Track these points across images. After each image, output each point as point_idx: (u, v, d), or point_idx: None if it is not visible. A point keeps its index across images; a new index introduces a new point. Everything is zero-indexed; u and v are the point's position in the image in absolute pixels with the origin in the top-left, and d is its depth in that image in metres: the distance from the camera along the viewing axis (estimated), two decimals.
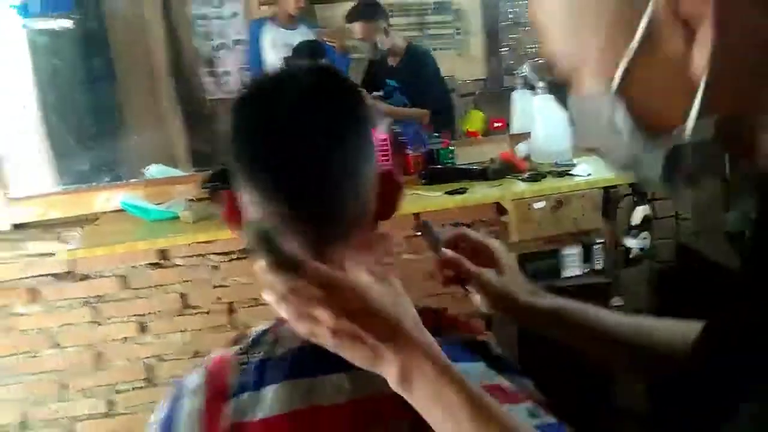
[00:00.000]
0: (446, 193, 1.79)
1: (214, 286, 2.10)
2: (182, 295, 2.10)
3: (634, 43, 0.47)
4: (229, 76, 3.55)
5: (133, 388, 2.18)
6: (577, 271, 1.80)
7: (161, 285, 2.09)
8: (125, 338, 2.12)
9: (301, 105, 0.63)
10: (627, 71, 0.48)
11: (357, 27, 2.47)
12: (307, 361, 0.64)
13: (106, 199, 2.03)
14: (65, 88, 2.70)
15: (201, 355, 2.13)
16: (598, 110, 0.51)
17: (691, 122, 0.47)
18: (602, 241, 1.80)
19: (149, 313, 2.11)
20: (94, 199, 2.05)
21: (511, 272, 0.77)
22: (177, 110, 3.37)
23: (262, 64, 3.12)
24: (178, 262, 2.07)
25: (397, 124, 2.13)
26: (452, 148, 1.96)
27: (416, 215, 2.09)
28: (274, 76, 0.68)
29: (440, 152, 1.97)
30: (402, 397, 0.58)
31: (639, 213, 1.75)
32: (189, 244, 2.02)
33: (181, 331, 2.13)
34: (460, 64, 3.34)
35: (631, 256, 1.80)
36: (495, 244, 0.79)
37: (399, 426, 0.62)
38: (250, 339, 0.69)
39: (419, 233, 0.74)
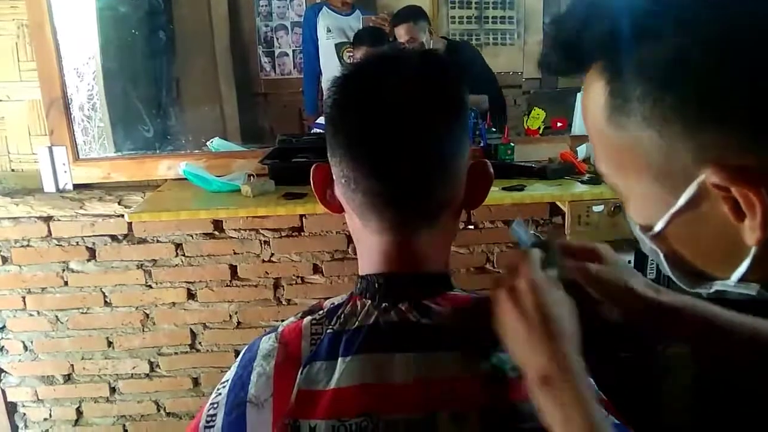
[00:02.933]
0: (503, 188, 1.80)
1: (263, 261, 2.14)
2: (232, 267, 2.15)
3: (679, 204, 0.44)
4: (286, 57, 3.61)
5: (176, 353, 2.24)
6: None
7: (213, 255, 2.14)
8: (173, 303, 2.18)
9: (408, 85, 0.65)
10: (669, 222, 0.46)
11: (402, 29, 2.52)
12: (381, 337, 0.66)
13: (168, 167, 2.08)
14: (128, 59, 2.77)
15: (245, 327, 2.19)
16: (642, 239, 0.51)
17: (733, 281, 0.46)
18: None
19: (199, 281, 2.16)
20: (156, 166, 2.10)
21: (626, 269, 0.71)
22: (233, 87, 3.43)
23: (316, 47, 3.16)
24: (232, 234, 2.12)
25: None
26: (512, 144, 1.96)
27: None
28: (381, 56, 0.70)
29: (499, 148, 1.97)
30: (469, 384, 0.59)
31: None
32: (243, 218, 2.07)
33: (228, 302, 2.18)
34: (519, 61, 3.33)
35: None
36: (601, 246, 0.75)
37: (470, 414, 0.63)
38: (325, 311, 0.71)
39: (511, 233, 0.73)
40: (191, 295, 2.18)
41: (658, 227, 0.47)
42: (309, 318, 0.71)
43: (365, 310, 0.68)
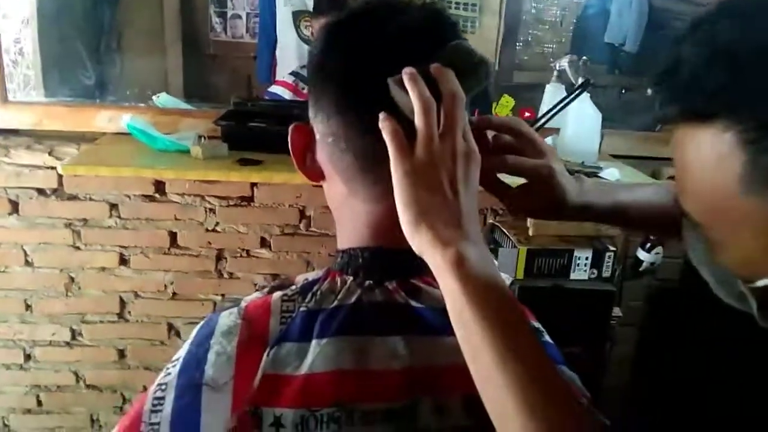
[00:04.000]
0: None
1: (207, 230, 2.01)
2: (171, 233, 2.00)
3: None
4: (239, 19, 3.43)
5: (102, 321, 2.07)
6: (585, 276, 1.78)
7: (151, 219, 1.98)
8: (103, 268, 2.01)
9: (412, 32, 0.57)
10: None
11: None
12: (363, 319, 0.59)
13: (108, 119, 1.90)
14: (67, 4, 2.55)
15: (180, 298, 2.05)
16: (724, 278, 0.48)
17: None
18: (615, 249, 1.78)
19: (134, 246, 2.00)
20: (94, 116, 1.92)
21: (544, 149, 0.68)
22: (179, 44, 3.24)
23: (273, 14, 3.01)
24: (174, 198, 1.97)
25: None
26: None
27: None
28: (378, 4, 0.61)
29: None
30: (459, 371, 0.52)
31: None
32: (189, 182, 1.93)
33: (164, 271, 2.03)
34: (482, 49, 3.29)
35: (641, 269, 1.79)
36: (516, 120, 0.70)
37: (452, 402, 0.58)
38: (299, 287, 0.62)
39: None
40: (123, 261, 2.02)
41: (762, 282, 0.44)
42: (279, 294, 0.62)
43: (346, 287, 0.61)
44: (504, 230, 1.86)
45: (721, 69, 0.40)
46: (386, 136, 0.54)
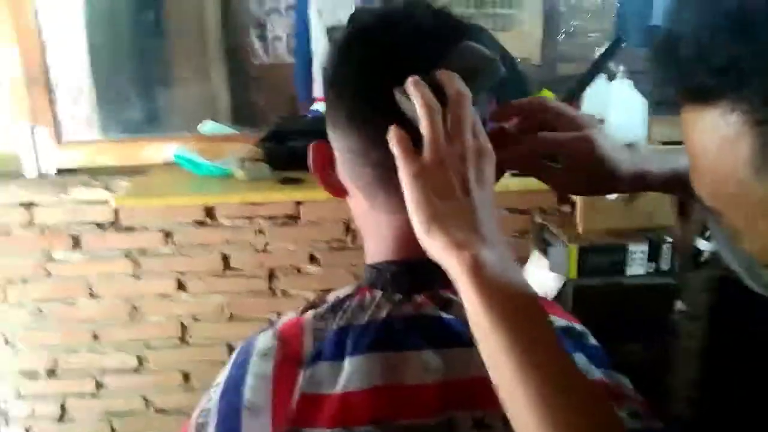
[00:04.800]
0: (511, 174, 1.70)
1: (257, 250, 2.04)
2: (224, 256, 2.05)
3: None
4: (278, 41, 3.50)
5: (165, 346, 2.14)
6: (642, 270, 1.71)
7: (204, 244, 2.03)
8: (162, 294, 2.08)
9: (423, 42, 0.57)
10: None
11: None
12: (395, 333, 0.58)
13: (156, 150, 1.97)
14: (116, 39, 2.66)
15: (237, 319, 2.09)
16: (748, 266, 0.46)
17: None
18: (672, 240, 1.71)
19: (189, 271, 2.06)
20: (143, 150, 1.99)
21: (582, 119, 0.65)
22: (223, 71, 3.33)
23: (308, 31, 3.05)
24: (224, 222, 2.02)
25: None
26: None
27: None
28: (386, 14, 0.61)
29: None
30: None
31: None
32: (236, 205, 1.97)
33: (220, 293, 2.08)
34: (518, 46, 3.24)
35: (702, 259, 1.71)
36: (541, 97, 0.68)
37: (493, 415, 0.56)
38: (330, 304, 0.62)
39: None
40: (181, 286, 2.07)
41: None
42: (311, 312, 0.62)
43: (375, 302, 0.60)
44: (552, 229, 1.81)
45: (727, 38, 0.37)
46: (391, 143, 0.53)
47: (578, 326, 0.67)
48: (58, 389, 2.15)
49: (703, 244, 1.74)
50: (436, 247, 0.50)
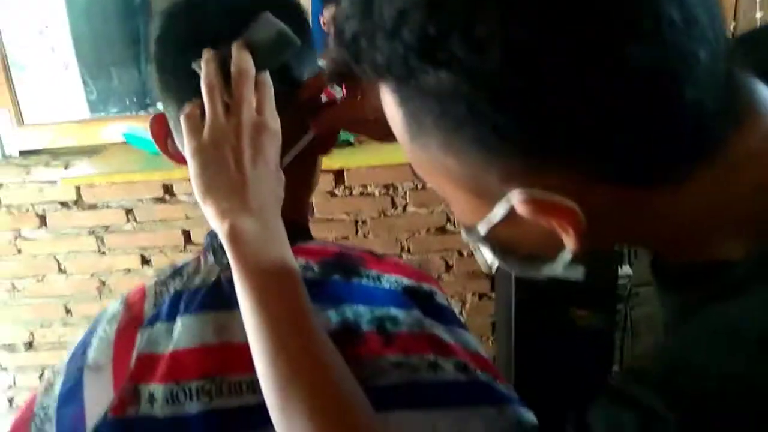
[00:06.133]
0: None
1: None
2: (185, 232, 2.10)
3: (495, 220, 0.42)
4: None
5: None
6: None
7: (165, 220, 2.08)
8: (128, 269, 2.14)
9: (225, 16, 0.59)
10: (490, 230, 0.44)
11: None
12: (223, 295, 0.60)
13: (112, 131, 2.02)
14: (97, 20, 2.66)
15: None
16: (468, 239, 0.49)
17: (560, 269, 0.45)
18: None
19: (152, 246, 2.11)
20: (101, 130, 2.04)
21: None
22: None
23: None
24: (183, 198, 2.06)
25: None
26: None
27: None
28: None
29: None
30: None
31: None
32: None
33: None
34: None
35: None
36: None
37: None
38: (172, 270, 0.66)
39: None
40: (145, 261, 2.14)
41: (480, 233, 0.45)
42: (154, 278, 0.66)
43: (208, 267, 0.63)
44: None
45: (355, 16, 0.38)
46: (182, 120, 0.56)
47: (426, 286, 0.68)
48: (36, 361, 2.25)
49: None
50: (208, 216, 0.54)
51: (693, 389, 0.33)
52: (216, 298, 0.60)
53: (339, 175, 2.01)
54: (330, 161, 1.82)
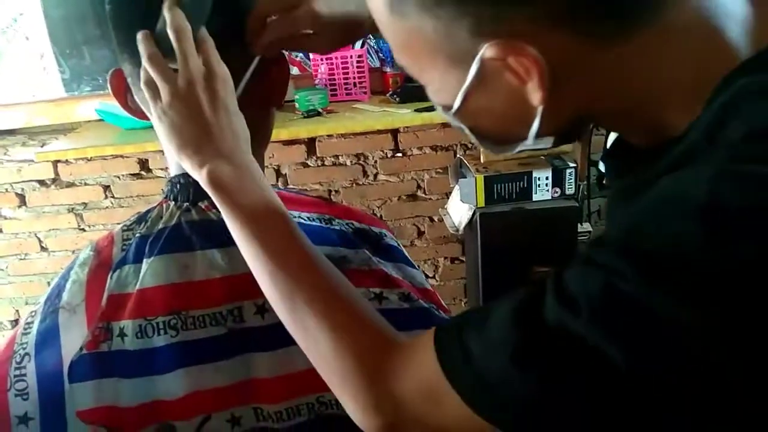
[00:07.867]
0: (415, 110, 1.76)
1: None
2: None
3: (468, 81, 0.46)
4: None
5: None
6: (549, 196, 1.77)
7: (142, 195, 2.13)
8: None
9: None
10: (465, 99, 0.48)
11: None
12: (184, 237, 0.65)
13: (86, 108, 2.05)
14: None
15: None
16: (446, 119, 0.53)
17: (531, 140, 0.50)
18: (575, 165, 1.76)
19: None
20: (75, 108, 2.07)
21: None
22: None
23: None
24: (159, 174, 2.10)
25: (377, 41, 2.08)
26: None
27: (394, 132, 2.07)
28: None
29: None
30: None
31: (613, 136, 1.68)
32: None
33: None
34: None
35: (604, 181, 1.75)
36: None
37: (267, 303, 0.63)
38: (137, 216, 0.70)
39: None
40: None
41: (456, 105, 0.49)
42: (121, 225, 0.71)
43: (169, 211, 0.67)
44: (467, 162, 1.87)
45: None
46: (142, 88, 0.59)
47: (376, 229, 0.74)
48: None
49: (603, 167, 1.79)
50: (188, 169, 0.59)
51: (647, 247, 0.39)
52: (178, 240, 0.65)
53: (311, 146, 2.06)
54: (299, 130, 1.86)
